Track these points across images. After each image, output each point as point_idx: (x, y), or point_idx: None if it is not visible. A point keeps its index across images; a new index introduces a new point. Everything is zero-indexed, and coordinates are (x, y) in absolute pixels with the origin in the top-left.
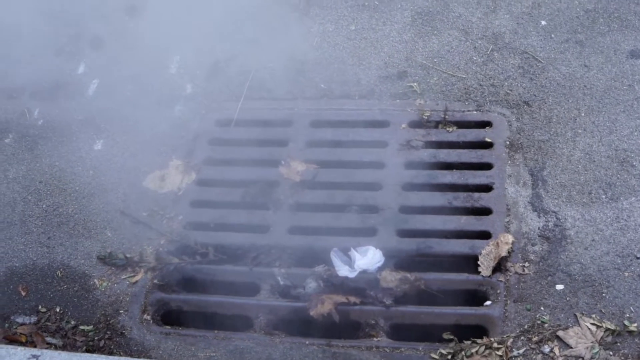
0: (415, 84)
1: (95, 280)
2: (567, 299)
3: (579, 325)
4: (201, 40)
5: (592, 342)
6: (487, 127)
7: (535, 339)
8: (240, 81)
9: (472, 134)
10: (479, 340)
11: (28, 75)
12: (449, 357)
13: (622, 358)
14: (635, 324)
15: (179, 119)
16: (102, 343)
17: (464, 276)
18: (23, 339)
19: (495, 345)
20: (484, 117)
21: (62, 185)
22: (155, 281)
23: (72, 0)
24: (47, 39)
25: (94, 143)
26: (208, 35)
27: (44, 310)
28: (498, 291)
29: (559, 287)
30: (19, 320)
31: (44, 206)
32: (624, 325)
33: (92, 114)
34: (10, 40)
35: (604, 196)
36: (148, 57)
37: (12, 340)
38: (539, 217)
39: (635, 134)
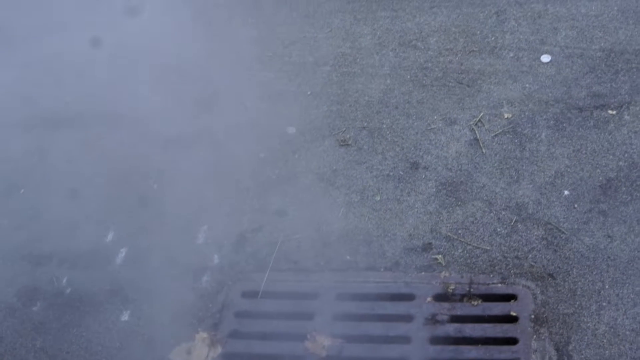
0: (440, 256)
1: None
2: None
3: None
4: (228, 210)
5: None
6: (512, 300)
7: None
8: (266, 252)
9: (497, 308)
10: None
11: (57, 241)
12: None
13: None
14: None
15: (206, 290)
16: None
17: None
18: None
19: None
20: (509, 290)
21: (88, 357)
22: None
23: (100, 172)
24: (76, 205)
25: (120, 314)
26: (235, 205)
27: None
28: None
29: None
30: None
31: None
32: None
33: (120, 283)
34: (39, 206)
35: None
36: (176, 226)
37: None
38: None
39: None
